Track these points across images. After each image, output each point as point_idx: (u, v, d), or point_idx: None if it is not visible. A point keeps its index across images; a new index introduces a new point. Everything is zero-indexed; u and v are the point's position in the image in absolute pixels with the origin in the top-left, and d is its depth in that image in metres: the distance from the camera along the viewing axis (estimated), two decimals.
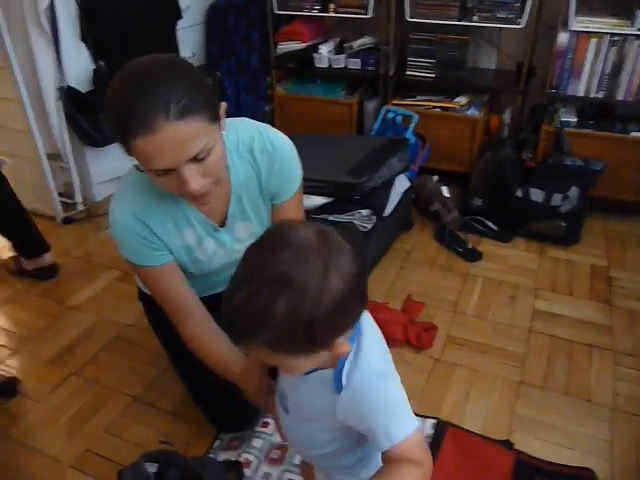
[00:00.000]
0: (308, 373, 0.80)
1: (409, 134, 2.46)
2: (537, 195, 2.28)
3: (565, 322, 1.90)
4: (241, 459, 1.40)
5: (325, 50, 2.76)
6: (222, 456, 1.42)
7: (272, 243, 0.72)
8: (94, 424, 1.55)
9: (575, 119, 2.42)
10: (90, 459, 1.45)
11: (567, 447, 1.45)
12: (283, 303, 0.67)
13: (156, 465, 1.31)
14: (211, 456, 1.43)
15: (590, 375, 1.68)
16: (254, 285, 0.68)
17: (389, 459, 0.78)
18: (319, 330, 0.69)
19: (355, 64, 2.74)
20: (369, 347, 0.81)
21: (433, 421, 1.50)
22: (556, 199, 2.25)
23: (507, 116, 2.66)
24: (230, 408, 1.45)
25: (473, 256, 2.23)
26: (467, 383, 1.66)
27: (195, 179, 0.99)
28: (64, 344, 1.84)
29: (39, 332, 1.90)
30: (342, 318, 0.72)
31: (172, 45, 2.66)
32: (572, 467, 1.39)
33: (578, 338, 1.83)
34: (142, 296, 1.53)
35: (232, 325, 0.72)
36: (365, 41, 2.78)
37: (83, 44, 2.37)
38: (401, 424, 0.77)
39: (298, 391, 0.89)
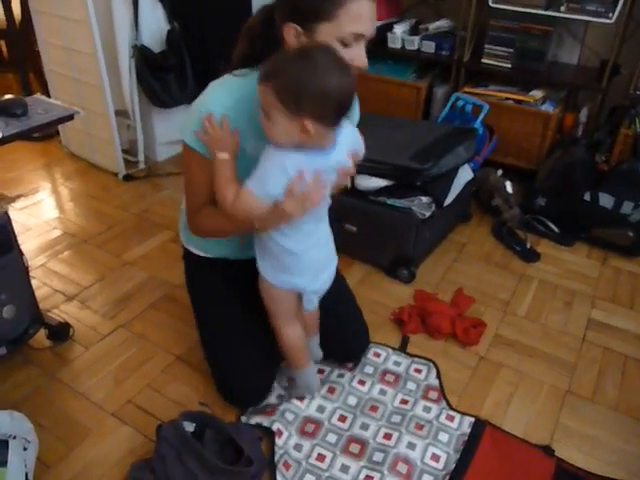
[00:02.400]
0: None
1: (478, 124, 2.38)
2: (606, 201, 2.17)
3: (622, 335, 1.81)
4: (274, 428, 1.40)
5: (399, 30, 2.69)
6: (254, 419, 1.44)
7: (332, 52, 1.06)
8: (138, 377, 1.59)
9: None
10: (130, 410, 1.49)
11: (611, 463, 1.39)
12: (299, 66, 1.03)
13: (194, 425, 1.34)
14: (244, 419, 1.44)
15: None
16: (295, 54, 1.06)
17: None
18: (305, 98, 1.03)
19: (429, 47, 2.66)
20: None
21: (472, 419, 1.47)
22: (626, 207, 2.14)
23: (583, 115, 2.53)
24: (241, 381, 1.46)
25: (530, 256, 2.16)
26: (511, 385, 1.62)
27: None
28: (116, 297, 1.89)
29: (93, 282, 1.96)
30: (321, 107, 1.05)
31: (246, 9, 2.64)
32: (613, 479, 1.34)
33: (634, 354, 1.74)
34: (185, 254, 1.56)
35: (269, 65, 1.06)
36: (442, 24, 2.70)
37: (159, 4, 2.39)
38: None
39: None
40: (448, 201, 2.02)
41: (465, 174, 2.15)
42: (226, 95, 1.20)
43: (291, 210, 1.13)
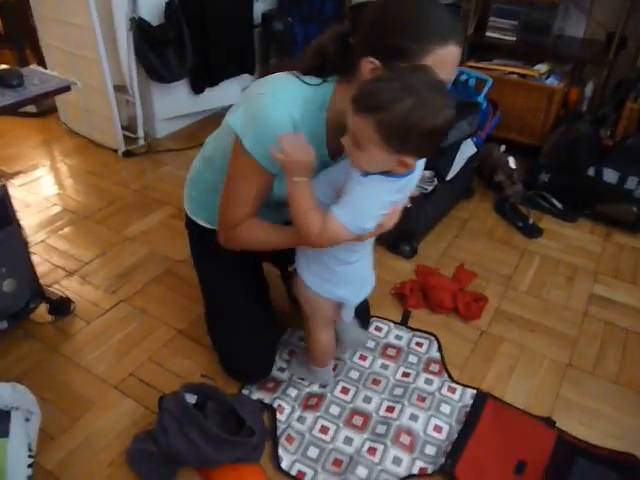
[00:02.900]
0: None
1: (481, 98, 2.34)
2: (611, 176, 2.15)
3: (623, 310, 1.81)
4: (275, 405, 1.41)
5: None
6: (255, 395, 1.44)
7: (427, 73, 0.99)
8: (139, 351, 1.59)
9: None
10: (132, 383, 1.49)
11: (612, 435, 1.40)
12: (408, 104, 0.95)
13: (196, 397, 1.34)
14: (245, 392, 1.45)
15: None
16: (397, 84, 0.96)
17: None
18: (412, 137, 0.97)
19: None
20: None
21: (473, 391, 1.47)
22: (631, 182, 2.12)
23: (589, 89, 2.50)
24: (243, 357, 1.46)
25: (533, 232, 2.14)
26: (512, 359, 1.62)
27: None
28: (117, 272, 1.89)
29: (94, 258, 1.95)
30: (426, 144, 1.01)
31: None
32: (615, 452, 1.34)
33: (636, 328, 1.74)
34: (189, 224, 1.53)
35: (368, 96, 0.98)
36: None
37: None
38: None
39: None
40: (450, 175, 2.00)
41: (468, 149, 2.12)
42: (294, 104, 1.12)
43: (372, 234, 1.14)
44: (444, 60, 1.03)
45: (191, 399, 1.34)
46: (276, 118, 1.10)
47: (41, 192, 2.33)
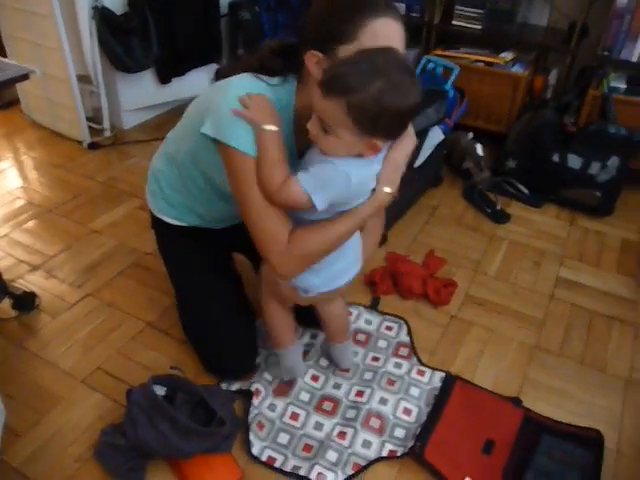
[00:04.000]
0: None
1: (448, 86, 2.36)
2: (575, 162, 2.19)
3: (588, 293, 1.85)
4: (252, 389, 1.41)
5: None
6: (235, 385, 1.43)
7: (394, 54, 1.00)
8: (107, 344, 1.57)
9: (625, 86, 2.29)
10: (100, 377, 1.47)
11: (577, 414, 1.43)
12: (379, 85, 0.95)
13: (165, 389, 1.33)
14: (224, 385, 1.44)
15: (608, 347, 1.65)
16: (366, 66, 0.96)
17: None
18: (383, 119, 0.98)
19: (399, 8, 2.61)
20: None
21: (442, 374, 1.49)
22: (594, 167, 2.16)
23: (553, 77, 2.54)
24: (220, 353, 1.45)
25: (501, 218, 2.18)
26: (481, 342, 1.64)
27: None
28: (83, 265, 1.85)
29: (59, 251, 1.91)
30: (397, 125, 1.03)
31: None
32: (579, 427, 1.37)
33: (600, 309, 1.78)
34: (155, 224, 1.51)
35: (338, 79, 0.97)
36: None
37: None
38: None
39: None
40: (418, 162, 2.01)
41: (435, 135, 2.14)
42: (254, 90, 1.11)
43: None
44: (381, 33, 1.02)
45: (160, 391, 1.32)
46: (238, 94, 1.08)
47: (4, 185, 2.27)
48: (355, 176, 1.05)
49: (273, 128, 1.07)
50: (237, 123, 1.07)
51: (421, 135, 2.02)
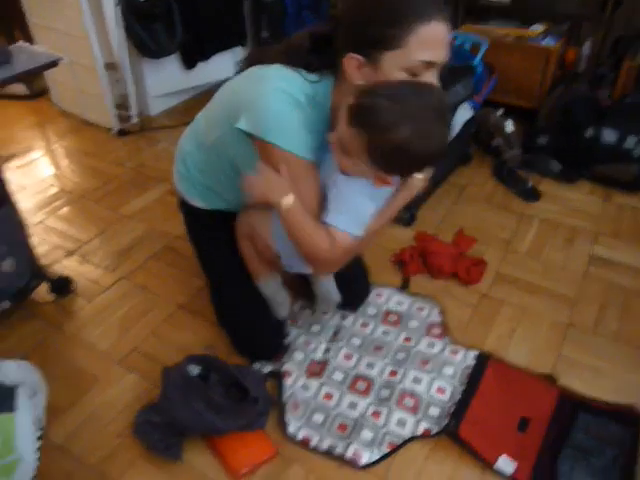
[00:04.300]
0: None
1: (477, 62, 2.31)
2: (610, 136, 2.13)
3: (623, 270, 1.81)
4: (282, 370, 1.42)
5: None
6: (267, 368, 1.45)
7: (433, 97, 1.00)
8: (141, 326, 1.60)
9: None
10: (136, 358, 1.50)
11: (613, 391, 1.40)
12: (405, 132, 0.96)
13: (199, 368, 1.35)
14: (256, 366, 1.45)
15: None
16: (399, 108, 0.96)
17: None
18: (401, 163, 1.02)
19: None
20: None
21: (475, 352, 1.48)
22: (630, 142, 2.10)
23: (586, 49, 2.46)
24: (251, 335, 1.47)
25: (532, 196, 2.13)
26: (513, 321, 1.62)
27: None
28: (116, 250, 1.89)
29: (93, 237, 1.95)
30: (412, 168, 1.07)
31: None
32: (616, 404, 1.35)
33: (636, 287, 1.74)
34: (182, 206, 1.52)
35: (368, 114, 0.97)
36: None
37: None
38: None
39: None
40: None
41: (464, 113, 2.10)
42: (300, 96, 1.09)
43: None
44: (429, 38, 1.00)
45: (194, 371, 1.35)
46: (288, 109, 1.07)
47: (37, 174, 2.32)
48: (379, 194, 1.11)
49: (291, 199, 1.08)
50: (278, 120, 1.07)
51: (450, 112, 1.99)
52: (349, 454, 1.25)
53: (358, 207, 1.09)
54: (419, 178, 1.15)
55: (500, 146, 2.29)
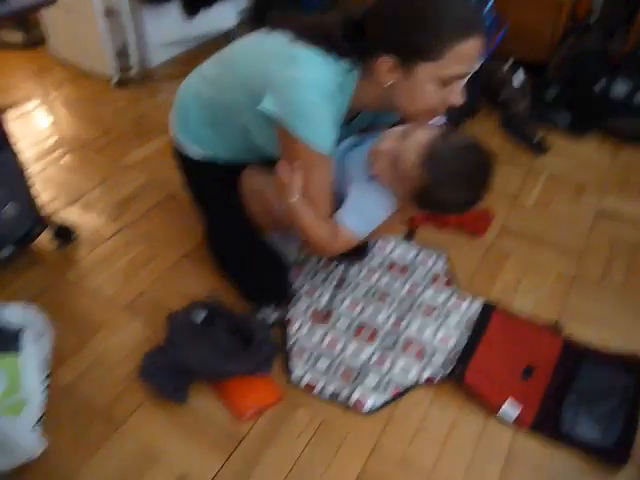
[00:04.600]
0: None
1: (485, 12, 2.24)
2: (621, 89, 2.09)
3: (631, 223, 1.79)
4: (286, 318, 1.42)
5: None
6: (272, 317, 1.45)
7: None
8: (145, 274, 1.59)
9: None
10: (141, 304, 1.50)
11: (618, 340, 1.40)
12: (463, 196, 1.14)
13: (204, 313, 1.35)
14: (259, 315, 1.44)
15: None
16: (462, 181, 1.12)
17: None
18: (440, 210, 1.23)
19: None
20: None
21: (481, 302, 1.47)
22: None
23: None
24: (256, 280, 1.46)
25: (540, 149, 2.10)
26: (519, 272, 1.62)
27: None
28: (118, 199, 1.86)
29: (94, 186, 1.92)
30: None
31: None
32: (620, 353, 1.35)
33: None
34: (179, 155, 1.47)
35: (437, 181, 1.10)
36: None
37: None
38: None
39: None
40: None
41: None
42: (330, 85, 1.09)
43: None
44: (467, 55, 1.02)
45: (199, 316, 1.35)
46: (319, 101, 1.07)
47: (36, 124, 2.27)
48: (392, 203, 1.20)
49: (297, 197, 1.15)
50: (308, 112, 1.07)
51: None
52: (353, 399, 1.26)
53: (373, 213, 1.17)
54: None
55: (508, 99, 2.24)
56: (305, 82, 1.06)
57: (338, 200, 1.22)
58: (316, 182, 1.17)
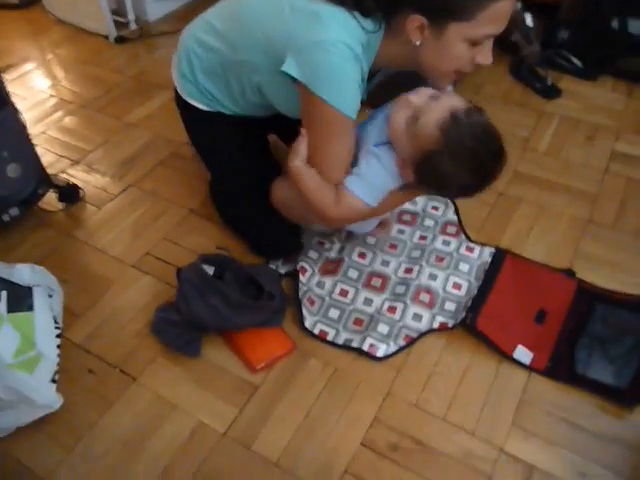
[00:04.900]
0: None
1: None
2: (636, 27, 2.00)
3: None
4: (298, 267, 1.41)
5: None
6: (282, 268, 1.44)
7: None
8: (153, 231, 1.58)
9: None
10: (150, 261, 1.49)
11: (631, 284, 1.39)
12: (467, 180, 1.11)
13: (213, 268, 1.34)
14: (273, 266, 1.43)
15: None
16: (469, 165, 1.09)
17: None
18: (438, 184, 1.15)
19: None
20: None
21: (492, 249, 1.45)
22: None
23: None
24: (265, 232, 1.44)
25: (551, 93, 2.04)
26: (531, 218, 1.59)
27: None
28: (123, 158, 1.84)
29: (98, 146, 1.90)
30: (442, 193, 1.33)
31: None
32: (634, 295, 1.33)
33: None
34: (183, 107, 1.43)
35: (445, 157, 1.07)
36: None
37: None
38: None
39: None
40: None
41: None
42: (357, 47, 1.05)
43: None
44: (499, 15, 1.01)
45: (209, 270, 1.34)
46: (345, 64, 1.05)
47: (35, 85, 2.23)
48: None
49: (299, 161, 1.15)
50: (335, 76, 1.05)
51: None
52: (365, 347, 1.26)
53: (380, 181, 1.14)
54: None
55: (518, 41, 2.16)
56: (330, 45, 1.03)
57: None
58: (336, 146, 1.15)
